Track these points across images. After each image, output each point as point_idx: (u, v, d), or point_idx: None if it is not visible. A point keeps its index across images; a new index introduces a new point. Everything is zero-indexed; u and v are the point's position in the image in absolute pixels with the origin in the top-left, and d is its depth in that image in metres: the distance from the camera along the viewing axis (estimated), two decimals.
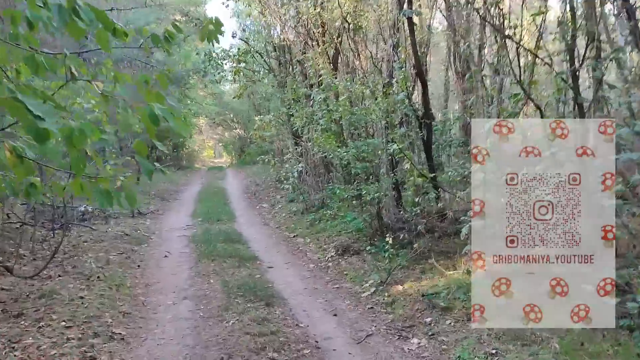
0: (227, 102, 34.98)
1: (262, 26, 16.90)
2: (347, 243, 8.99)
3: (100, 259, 8.39)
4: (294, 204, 13.99)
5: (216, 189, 20.35)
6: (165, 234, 11.44)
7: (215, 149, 52.31)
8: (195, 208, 15.08)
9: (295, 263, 8.81)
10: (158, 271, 8.30)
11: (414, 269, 7.19)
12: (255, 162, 25.67)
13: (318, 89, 9.93)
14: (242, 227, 12.21)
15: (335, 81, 9.34)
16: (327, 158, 11.61)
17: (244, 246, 9.90)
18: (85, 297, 6.44)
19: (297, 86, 11.40)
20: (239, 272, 7.98)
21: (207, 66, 18.41)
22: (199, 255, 9.14)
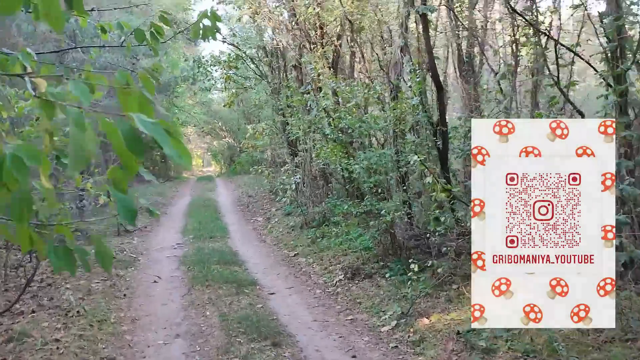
0: (216, 111, 34.11)
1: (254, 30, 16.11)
2: (355, 264, 8.12)
3: (81, 288, 7.45)
4: (291, 217, 13.09)
5: (207, 201, 19.42)
6: (154, 254, 10.50)
7: (204, 158, 51.40)
8: (186, 223, 14.14)
9: (299, 288, 7.93)
10: (146, 301, 7.39)
11: (438, 296, 6.35)
12: (245, 171, 24.81)
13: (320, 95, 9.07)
14: (237, 244, 11.31)
15: (341, 86, 8.49)
16: (328, 169, 10.78)
17: (241, 268, 9.00)
18: (61, 340, 5.53)
19: (293, 93, 10.55)
20: (237, 302, 7.09)
21: (196, 73, 17.49)
22: (192, 280, 8.23)
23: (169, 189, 23.85)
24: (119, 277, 8.41)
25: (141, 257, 10.11)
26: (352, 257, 8.62)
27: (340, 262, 8.57)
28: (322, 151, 8.39)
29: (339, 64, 11.55)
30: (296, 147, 14.04)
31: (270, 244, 11.41)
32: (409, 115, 8.03)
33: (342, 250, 9.10)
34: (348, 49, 11.38)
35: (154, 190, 21.91)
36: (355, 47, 10.97)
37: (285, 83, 13.89)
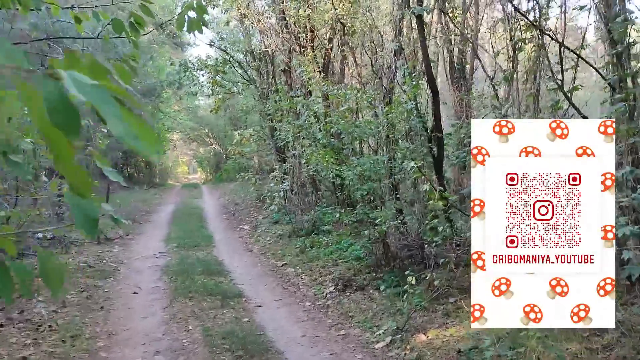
0: (203, 117, 33.71)
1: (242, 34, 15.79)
2: (347, 275, 7.75)
3: (54, 300, 7.01)
4: (279, 226, 12.70)
5: (192, 209, 18.97)
6: (135, 263, 10.05)
7: (190, 165, 50.86)
8: (169, 231, 13.69)
9: (287, 300, 7.53)
10: (125, 314, 6.95)
11: (434, 310, 6.00)
12: (232, 179, 24.36)
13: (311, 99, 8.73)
14: (222, 253, 10.89)
15: (333, 90, 8.15)
16: (318, 175, 10.43)
17: (226, 279, 8.60)
18: (30, 358, 5.09)
19: (283, 97, 10.20)
20: (222, 315, 6.68)
21: (182, 77, 17.07)
22: (174, 291, 7.81)
23: (153, 196, 23.35)
24: (97, 288, 7.97)
25: (121, 267, 9.66)
26: (342, 267, 8.25)
27: (330, 272, 8.20)
28: (312, 157, 8.03)
29: (330, 68, 11.23)
30: (284, 154, 13.69)
31: (257, 253, 11.00)
32: (402, 121, 7.71)
33: (333, 261, 8.73)
34: (339, 53, 11.06)
35: (137, 197, 21.43)
36: (346, 51, 10.67)
37: (274, 87, 13.56)
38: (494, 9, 13.19)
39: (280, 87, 11.10)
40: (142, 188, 26.84)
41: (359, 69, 9.76)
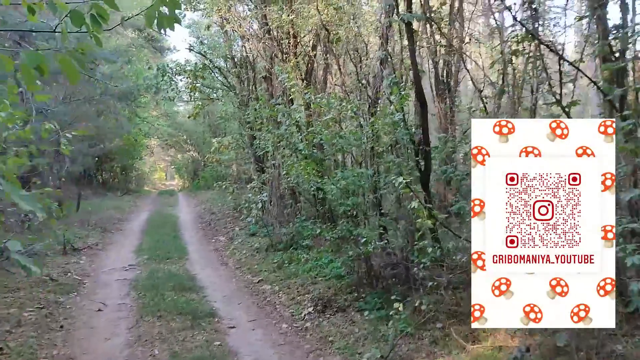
0: (181, 123, 33.09)
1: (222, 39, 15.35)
2: (327, 295, 7.31)
3: (9, 318, 6.47)
4: (256, 238, 12.21)
5: (166, 217, 18.40)
6: (102, 276, 9.49)
7: (168, 172, 50.06)
8: (141, 242, 13.11)
9: (263, 321, 7.06)
10: (87, 334, 6.42)
11: (421, 337, 5.59)
12: (209, 186, 23.79)
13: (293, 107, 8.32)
14: (196, 267, 10.37)
15: (316, 98, 7.74)
16: (298, 187, 10.00)
17: (199, 295, 8.10)
18: None
19: (263, 104, 9.76)
20: (192, 337, 6.20)
21: (160, 82, 16.53)
22: (142, 309, 7.30)
23: (127, 203, 22.67)
24: (58, 304, 7.41)
25: (87, 280, 9.09)
26: (322, 286, 7.81)
27: (309, 291, 7.74)
28: (293, 168, 7.60)
29: (313, 76, 10.84)
30: (264, 163, 13.25)
31: (233, 267, 10.50)
32: (388, 133, 7.33)
33: (312, 278, 8.28)
34: (322, 61, 10.68)
35: (110, 204, 20.76)
36: (330, 59, 10.30)
37: (254, 95, 13.13)
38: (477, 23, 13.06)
39: (261, 95, 10.67)
40: (116, 195, 26.11)
41: (343, 77, 9.39)
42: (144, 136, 33.37)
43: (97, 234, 13.88)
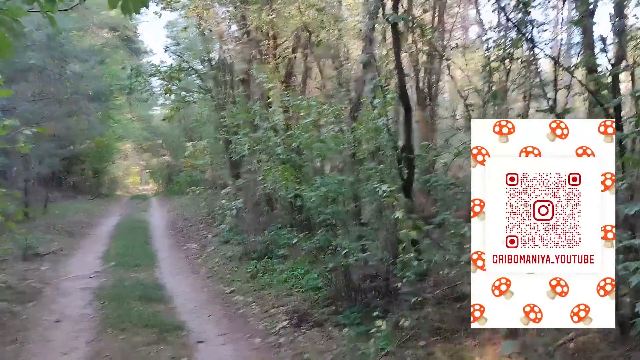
0: (157, 127, 32.42)
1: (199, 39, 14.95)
2: (302, 308, 6.94)
3: None
4: (229, 246, 11.76)
5: (137, 223, 17.80)
6: (64, 284, 8.93)
7: (142, 176, 49.15)
8: (109, 247, 12.54)
9: (234, 335, 6.62)
10: (42, 349, 5.91)
11: (402, 356, 5.25)
12: (183, 192, 23.25)
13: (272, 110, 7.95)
14: (165, 275, 9.89)
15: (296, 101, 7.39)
16: (274, 194, 9.62)
17: (167, 306, 7.63)
18: None
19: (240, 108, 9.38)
20: (156, 353, 5.74)
21: (134, 82, 16.00)
22: (105, 320, 6.81)
23: (97, 207, 21.99)
24: (12, 315, 6.87)
25: (47, 288, 8.53)
26: (298, 297, 7.43)
27: (284, 303, 7.34)
28: (269, 173, 7.21)
29: (292, 79, 10.50)
30: (239, 169, 12.85)
31: (204, 276, 10.03)
32: (371, 139, 7.02)
33: (287, 289, 7.89)
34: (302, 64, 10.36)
35: (79, 207, 20.07)
36: (310, 62, 9.97)
37: (231, 98, 12.74)
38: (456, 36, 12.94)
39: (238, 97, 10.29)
40: (87, 198, 25.33)
41: (324, 80, 9.08)
42: (118, 139, 32.59)
43: (62, 238, 13.26)
